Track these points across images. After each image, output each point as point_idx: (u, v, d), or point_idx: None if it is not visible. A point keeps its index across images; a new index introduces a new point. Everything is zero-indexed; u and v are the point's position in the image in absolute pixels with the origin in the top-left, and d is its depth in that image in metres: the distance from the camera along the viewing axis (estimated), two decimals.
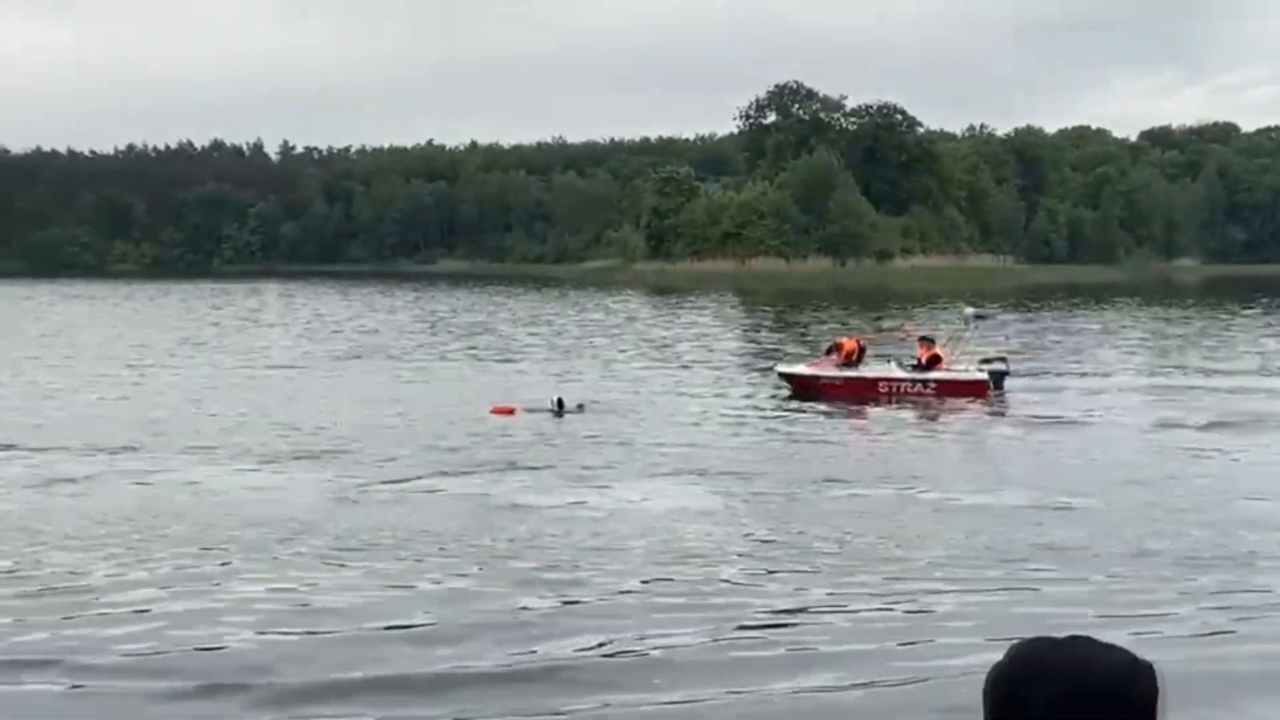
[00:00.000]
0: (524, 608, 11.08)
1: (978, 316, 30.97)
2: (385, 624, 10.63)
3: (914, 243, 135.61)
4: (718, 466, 18.67)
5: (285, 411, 25.11)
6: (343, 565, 12.69)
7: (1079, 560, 12.86)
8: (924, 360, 28.13)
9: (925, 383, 27.60)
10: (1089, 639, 2.02)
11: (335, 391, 28.94)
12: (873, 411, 25.92)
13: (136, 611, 11.12)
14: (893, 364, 28.74)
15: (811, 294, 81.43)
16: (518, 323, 56.05)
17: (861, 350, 28.74)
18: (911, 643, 10.24)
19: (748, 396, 28.07)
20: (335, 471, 18.15)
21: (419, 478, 17.64)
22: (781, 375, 29.32)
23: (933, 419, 25.13)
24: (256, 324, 57.52)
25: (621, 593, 11.63)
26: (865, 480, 17.59)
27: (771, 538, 13.96)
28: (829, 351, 29.16)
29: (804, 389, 27.84)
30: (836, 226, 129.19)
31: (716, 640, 10.19)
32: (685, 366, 35.08)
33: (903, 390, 27.56)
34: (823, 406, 26.17)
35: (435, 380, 31.67)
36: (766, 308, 68.18)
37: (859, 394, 27.30)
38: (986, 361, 28.83)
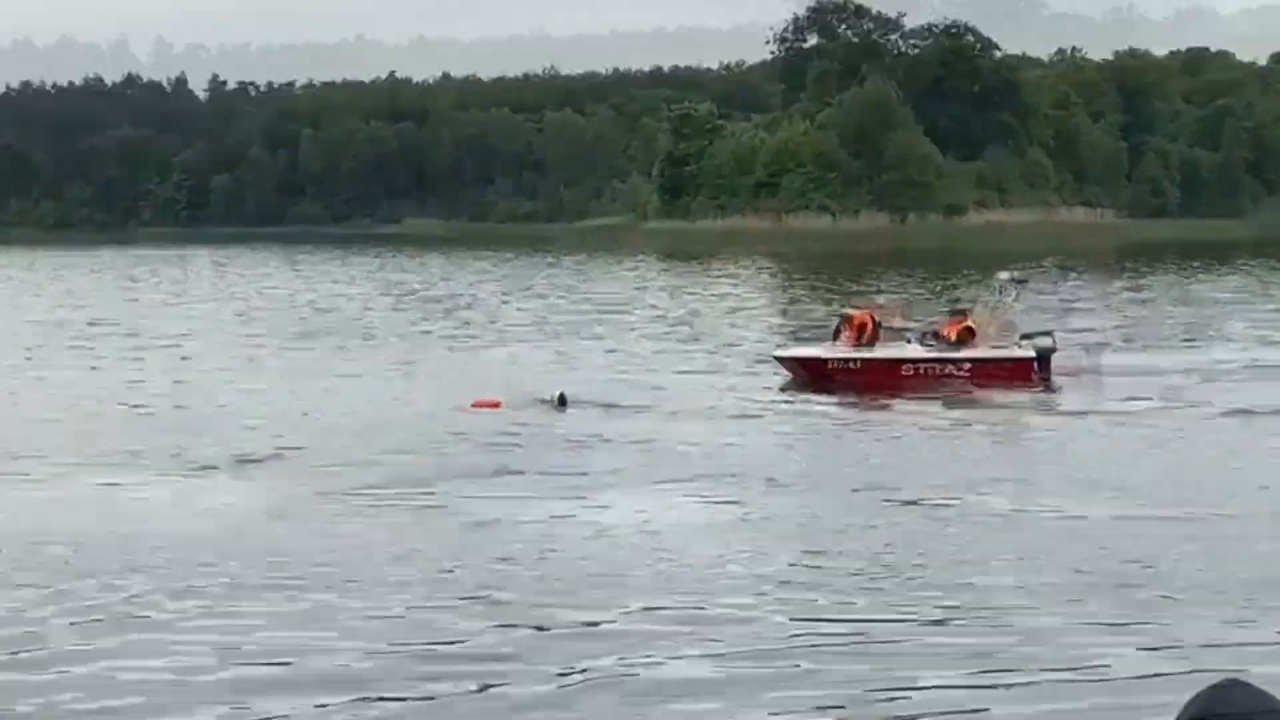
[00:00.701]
0: (519, 645, 11.13)
1: (1015, 282, 30.95)
2: (359, 664, 10.68)
3: (991, 194, 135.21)
4: (739, 471, 18.77)
5: (220, 408, 25.22)
6: (282, 599, 12.74)
7: (1193, 589, 12.77)
8: (953, 337, 28.00)
9: (957, 363, 27.55)
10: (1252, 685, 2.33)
11: (283, 383, 29.02)
12: (899, 401, 25.93)
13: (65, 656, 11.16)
14: (913, 342, 28.65)
15: (865, 257, 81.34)
16: (505, 296, 56.11)
17: (876, 325, 28.50)
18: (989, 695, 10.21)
19: (780, 388, 28.02)
20: (282, 480, 18.22)
21: (384, 487, 17.68)
22: (780, 360, 29.22)
23: (976, 408, 25.13)
24: (184, 299, 57.65)
25: (640, 642, 11.56)
26: (906, 487, 17.66)
27: (804, 561, 13.99)
28: (837, 332, 28.91)
29: (812, 375, 27.83)
30: (895, 174, 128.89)
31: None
32: (710, 351, 35.08)
33: (931, 373, 27.48)
34: (841, 396, 26.27)
35: (405, 367, 31.75)
36: (811, 275, 68.12)
37: (879, 379, 27.26)
38: (1028, 337, 28.73)
